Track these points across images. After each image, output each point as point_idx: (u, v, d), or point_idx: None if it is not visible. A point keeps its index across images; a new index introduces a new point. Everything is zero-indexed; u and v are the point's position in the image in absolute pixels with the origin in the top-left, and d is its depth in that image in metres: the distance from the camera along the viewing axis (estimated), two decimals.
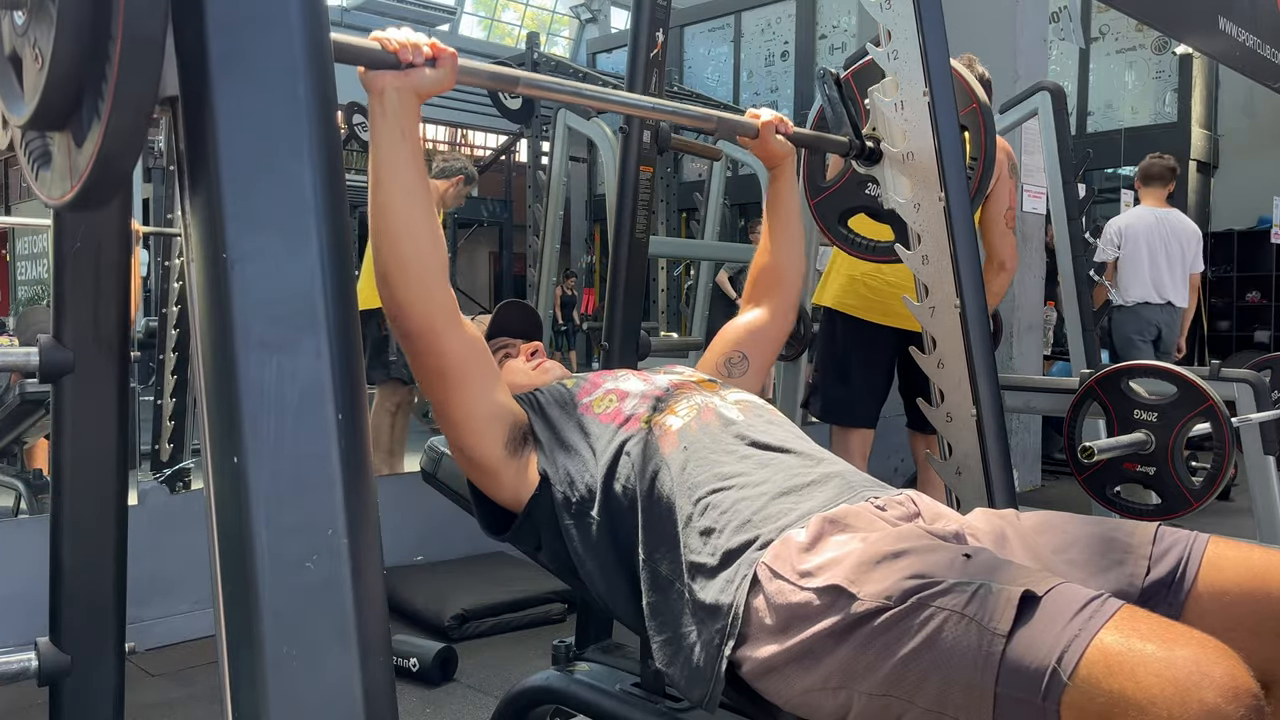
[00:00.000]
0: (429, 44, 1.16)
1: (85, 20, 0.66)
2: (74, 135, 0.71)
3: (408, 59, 1.13)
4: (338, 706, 0.66)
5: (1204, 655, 0.80)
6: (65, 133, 0.72)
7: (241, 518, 0.66)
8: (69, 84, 0.69)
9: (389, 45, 1.13)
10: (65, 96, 0.70)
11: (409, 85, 1.14)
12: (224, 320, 0.67)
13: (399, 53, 1.13)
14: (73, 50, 0.67)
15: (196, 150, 0.69)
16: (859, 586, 0.98)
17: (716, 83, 12.02)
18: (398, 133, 1.14)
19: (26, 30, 0.73)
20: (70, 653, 1.23)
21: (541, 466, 1.28)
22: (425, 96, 1.17)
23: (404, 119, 1.15)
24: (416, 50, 1.14)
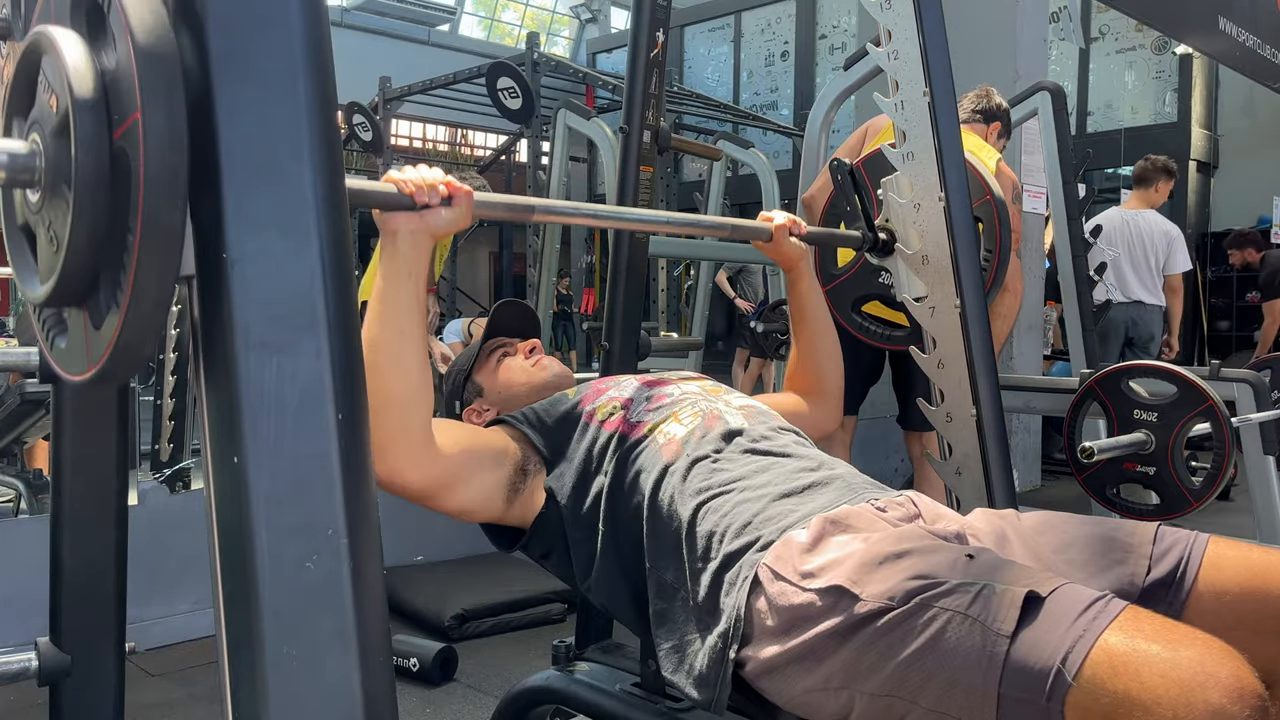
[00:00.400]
0: (444, 183, 1.14)
1: (102, 207, 0.67)
2: (91, 316, 0.71)
3: (423, 200, 1.11)
4: (338, 706, 0.66)
5: (1208, 655, 0.80)
6: (82, 310, 0.72)
7: (241, 518, 0.66)
8: (86, 268, 0.69)
9: (405, 188, 1.11)
10: (82, 280, 0.70)
11: (424, 227, 1.12)
12: (224, 320, 0.67)
13: (415, 195, 1.11)
14: (90, 237, 0.67)
15: (197, 150, 0.69)
16: (861, 587, 0.97)
17: (716, 83, 12.02)
18: (405, 273, 1.12)
19: (41, 209, 0.72)
20: (70, 653, 1.23)
21: (547, 484, 1.27)
22: (439, 237, 1.16)
23: (414, 260, 1.13)
24: (432, 191, 1.12)
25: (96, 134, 0.66)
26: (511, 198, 1.33)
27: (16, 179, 0.72)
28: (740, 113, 11.01)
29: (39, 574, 1.24)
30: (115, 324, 0.67)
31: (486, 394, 1.48)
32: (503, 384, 1.45)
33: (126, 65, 0.65)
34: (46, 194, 0.71)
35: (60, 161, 0.69)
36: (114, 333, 0.67)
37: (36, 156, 0.71)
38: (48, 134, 0.70)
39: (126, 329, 0.66)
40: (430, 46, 15.28)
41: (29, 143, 0.72)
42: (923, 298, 1.82)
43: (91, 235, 0.67)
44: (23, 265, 0.79)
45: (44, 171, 0.71)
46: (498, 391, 1.47)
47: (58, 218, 0.70)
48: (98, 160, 0.66)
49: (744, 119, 10.74)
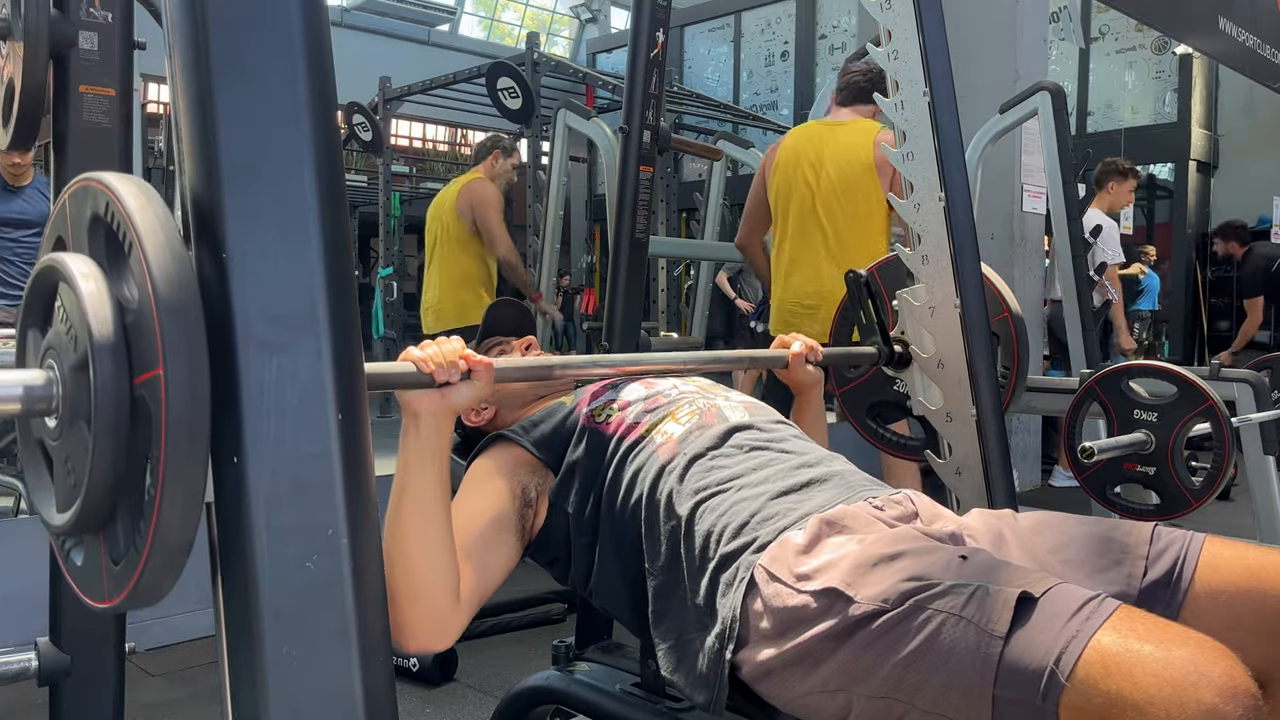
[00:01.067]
0: (463, 357, 1.12)
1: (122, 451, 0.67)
2: (109, 549, 0.71)
3: (443, 379, 1.09)
4: (338, 706, 0.67)
5: (1201, 655, 0.80)
6: (99, 538, 0.72)
7: (242, 518, 0.66)
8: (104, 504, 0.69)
9: (425, 367, 1.09)
10: (100, 514, 0.70)
11: (445, 407, 1.11)
12: (224, 320, 0.67)
13: (435, 375, 1.09)
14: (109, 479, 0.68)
15: (197, 150, 0.70)
16: (856, 589, 0.98)
17: (716, 83, 12.02)
18: (429, 456, 1.10)
19: (59, 438, 0.72)
20: (70, 653, 1.23)
21: (550, 495, 1.27)
22: (461, 411, 1.14)
23: (436, 442, 1.11)
24: (452, 369, 1.10)
25: (116, 379, 0.66)
26: (531, 360, 1.31)
27: (34, 409, 0.72)
28: (740, 113, 11.00)
29: (39, 574, 1.24)
30: (135, 567, 0.67)
31: None
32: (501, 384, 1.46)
33: (148, 313, 0.65)
34: (65, 424, 0.71)
35: (79, 399, 0.69)
36: (133, 577, 0.67)
37: (54, 385, 0.71)
38: (66, 368, 0.70)
39: (146, 574, 0.66)
40: (430, 46, 15.27)
41: (46, 372, 0.72)
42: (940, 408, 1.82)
43: (111, 477, 0.67)
44: (39, 487, 0.78)
45: (62, 402, 0.70)
46: (497, 390, 1.47)
47: (76, 453, 0.70)
48: (117, 406, 0.66)
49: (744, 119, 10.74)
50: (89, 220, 0.71)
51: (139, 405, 0.66)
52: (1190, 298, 9.17)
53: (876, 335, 1.83)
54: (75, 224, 0.73)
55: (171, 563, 0.66)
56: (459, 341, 1.14)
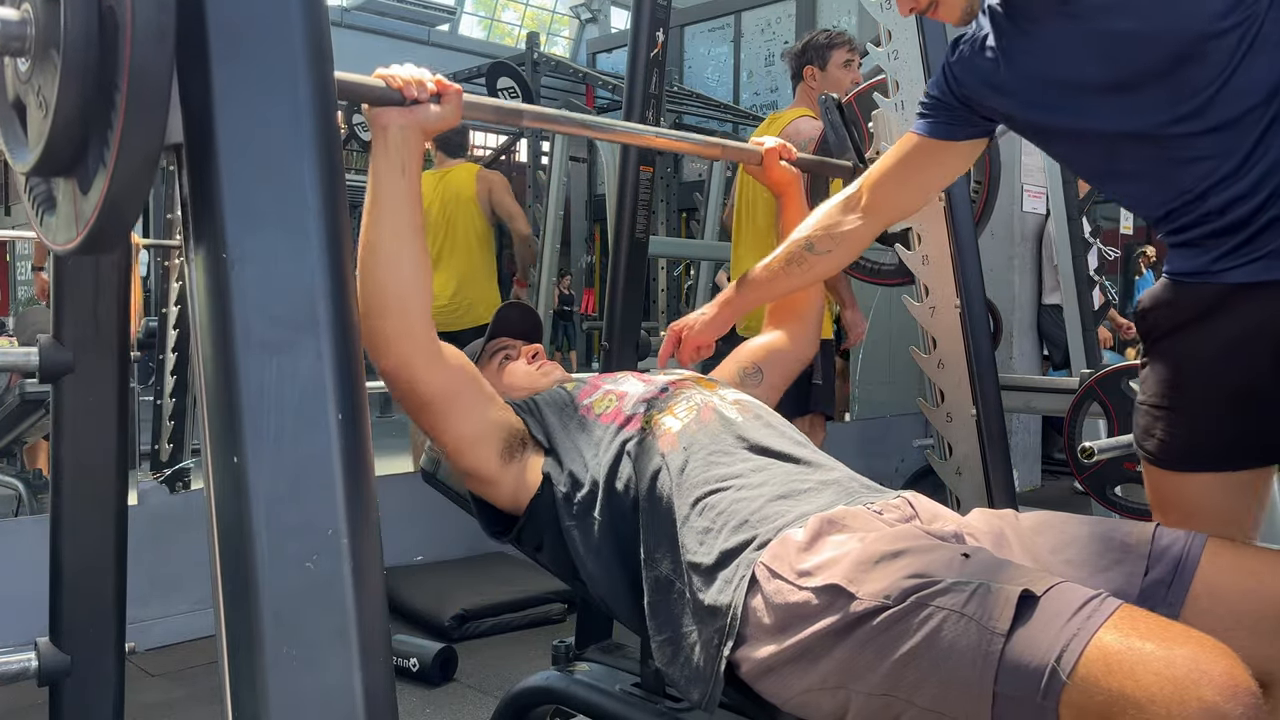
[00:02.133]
0: (434, 80, 1.16)
1: (90, 68, 0.67)
2: (79, 182, 0.71)
3: (413, 95, 1.13)
4: (338, 706, 0.67)
5: (1202, 654, 0.80)
6: (70, 179, 0.72)
7: (241, 518, 0.66)
8: (74, 131, 0.69)
9: (394, 82, 1.13)
10: (70, 144, 0.70)
11: (414, 122, 1.14)
12: (224, 320, 0.67)
13: (404, 89, 1.13)
14: (77, 98, 0.67)
15: (196, 150, 0.70)
16: (858, 586, 0.98)
17: (716, 83, 12.02)
18: (398, 169, 1.14)
19: (30, 78, 0.73)
20: (70, 653, 1.23)
21: (545, 469, 1.28)
22: (431, 133, 1.17)
23: (406, 156, 1.15)
24: (421, 86, 1.14)
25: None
26: (501, 101, 1.36)
27: (8, 46, 0.72)
28: (740, 113, 11.01)
29: (39, 574, 1.24)
30: (103, 184, 0.67)
31: None
32: (505, 387, 1.46)
33: None
34: (36, 61, 0.71)
35: (50, 26, 0.69)
36: (101, 192, 0.67)
37: (28, 25, 0.71)
38: (38, 1, 0.70)
39: (113, 187, 0.66)
40: (430, 46, 15.28)
41: (20, 11, 0.72)
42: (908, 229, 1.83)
43: (79, 95, 0.67)
44: (12, 138, 0.78)
45: (34, 39, 0.71)
46: (499, 393, 1.47)
47: (47, 82, 0.70)
48: (86, 21, 0.66)
49: (744, 119, 10.74)
50: None
51: (106, 19, 0.66)
52: None
53: (851, 153, 1.83)
54: None
55: (139, 174, 0.66)
56: (427, 70, 1.18)
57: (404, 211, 1.15)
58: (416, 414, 1.22)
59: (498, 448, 1.26)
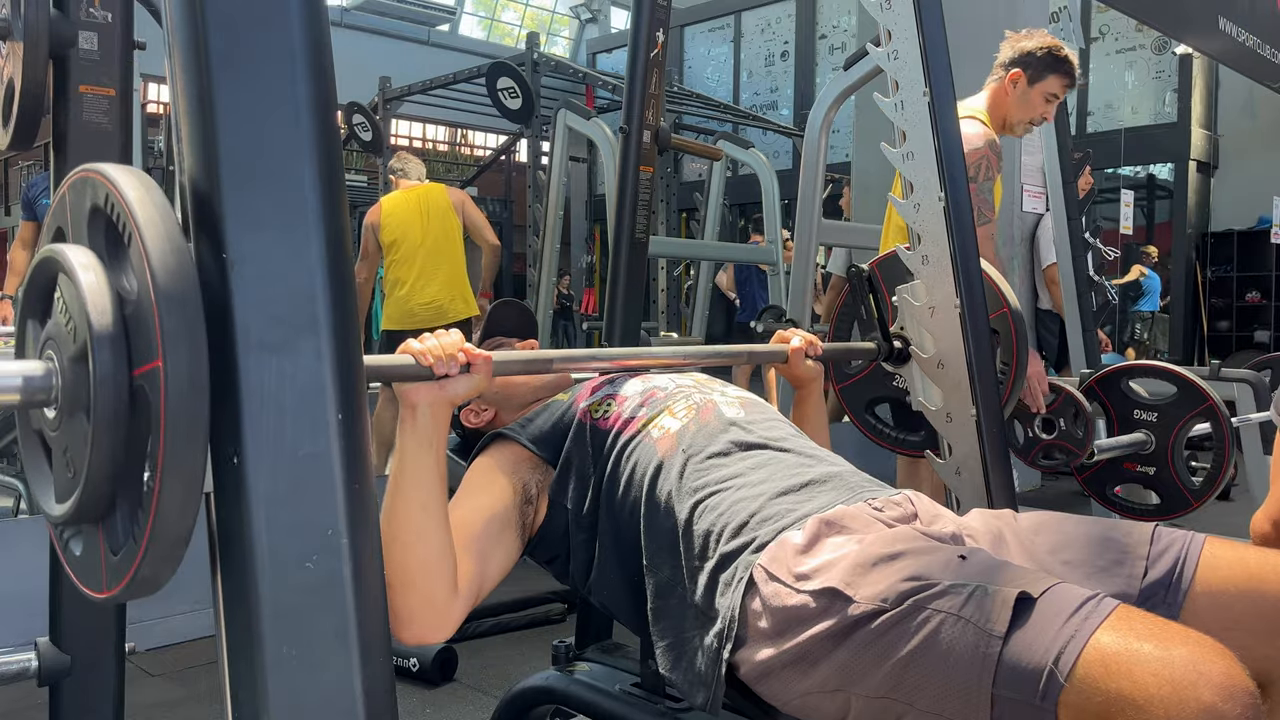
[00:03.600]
0: (462, 349, 1.13)
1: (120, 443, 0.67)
2: (108, 540, 0.71)
3: (442, 372, 1.11)
4: (338, 706, 0.67)
5: (1200, 654, 0.80)
6: (98, 529, 0.72)
7: (241, 518, 0.66)
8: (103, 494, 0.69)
9: (424, 360, 1.10)
10: (99, 505, 0.70)
11: (444, 398, 1.12)
12: (224, 320, 0.67)
13: (434, 367, 1.10)
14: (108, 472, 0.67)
15: (197, 150, 0.70)
16: (855, 589, 0.97)
17: (716, 83, 12.02)
18: (427, 445, 1.11)
19: (58, 429, 0.72)
20: (70, 653, 1.23)
21: (550, 492, 1.27)
22: (458, 403, 1.15)
23: (433, 432, 1.12)
24: (451, 361, 1.11)
25: (115, 371, 0.66)
26: (529, 354, 1.32)
27: (33, 399, 0.72)
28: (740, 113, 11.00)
29: (39, 574, 1.24)
30: (134, 557, 0.67)
31: (484, 394, 1.48)
32: (500, 384, 1.45)
33: (147, 304, 0.64)
34: (64, 415, 0.71)
35: (78, 390, 0.69)
36: (132, 567, 0.67)
37: (53, 376, 0.71)
38: (65, 359, 0.70)
39: (145, 565, 0.66)
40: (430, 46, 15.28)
41: (45, 363, 0.72)
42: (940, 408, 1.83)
43: (110, 468, 0.67)
44: (39, 477, 0.78)
45: (61, 392, 0.70)
46: (496, 391, 1.46)
47: (75, 444, 0.70)
48: (116, 397, 0.66)
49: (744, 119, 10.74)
50: (88, 211, 0.71)
51: (138, 396, 0.66)
52: (1190, 298, 9.17)
53: (876, 331, 1.83)
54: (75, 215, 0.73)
55: (170, 553, 0.66)
56: (458, 334, 1.15)
57: (431, 487, 1.11)
58: None
59: (520, 545, 1.25)
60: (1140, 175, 10.15)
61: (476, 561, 1.18)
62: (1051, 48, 2.70)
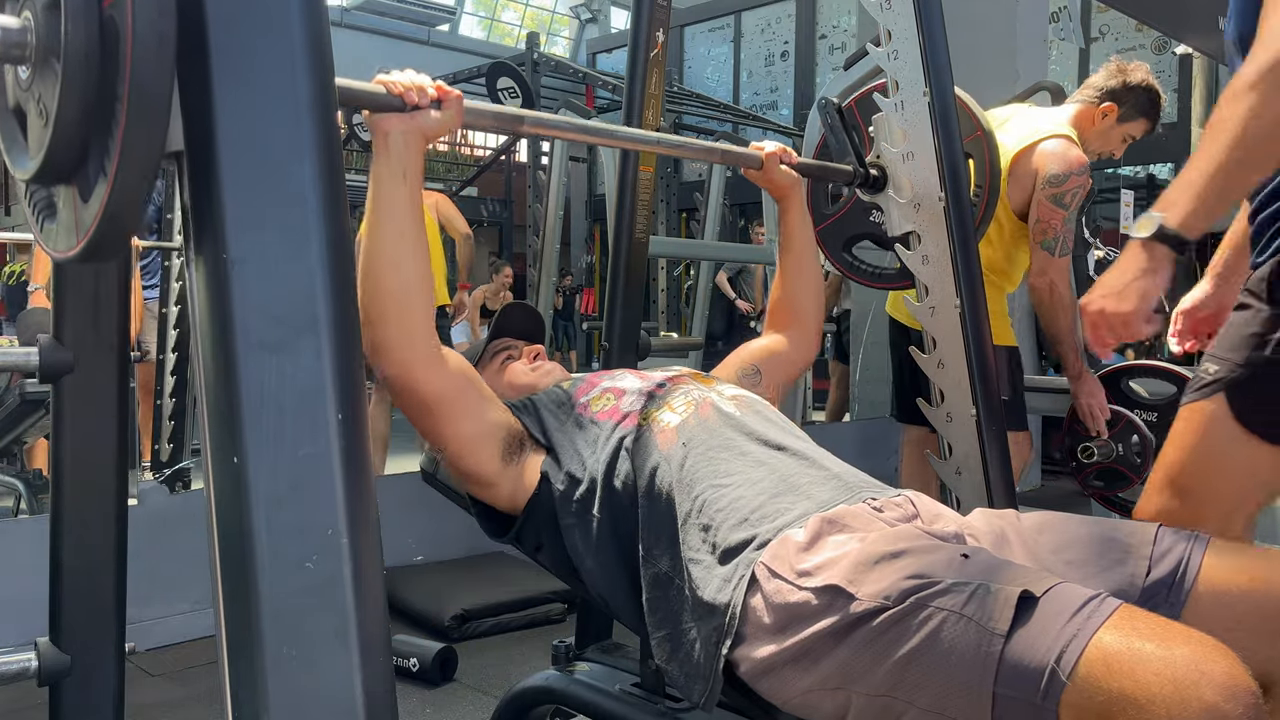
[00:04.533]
0: (434, 86, 1.16)
1: (91, 78, 0.67)
2: (80, 190, 0.71)
3: (413, 101, 1.14)
4: (338, 706, 0.67)
5: (1202, 654, 0.80)
6: (71, 187, 0.72)
7: (241, 518, 0.66)
8: (74, 140, 0.69)
9: (394, 88, 1.14)
10: (71, 152, 0.69)
11: (414, 127, 1.15)
12: (224, 320, 0.67)
13: (404, 95, 1.13)
14: (78, 108, 0.67)
15: (196, 150, 0.69)
16: (857, 586, 0.98)
17: (716, 83, 12.03)
18: (399, 174, 1.14)
19: (30, 85, 0.73)
20: (70, 653, 1.23)
21: (543, 468, 1.28)
22: (431, 138, 1.18)
23: (407, 161, 1.15)
24: (422, 92, 1.15)
25: (86, 4, 0.66)
26: (500, 107, 1.36)
27: (9, 54, 0.72)
28: (740, 113, 11.01)
29: (39, 574, 1.24)
30: (103, 193, 0.67)
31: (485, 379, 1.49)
32: (505, 386, 1.46)
33: None
34: (37, 69, 0.71)
35: (51, 34, 0.69)
36: (102, 201, 0.67)
37: (28, 32, 0.71)
38: (39, 9, 0.70)
39: (114, 197, 0.66)
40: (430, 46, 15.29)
41: (21, 19, 0.72)
42: (910, 232, 1.83)
43: (80, 104, 0.67)
44: (13, 145, 0.78)
45: (35, 47, 0.71)
46: (499, 393, 1.47)
47: (47, 91, 0.70)
48: (87, 29, 0.66)
49: (744, 119, 10.74)
50: None
51: (108, 29, 0.66)
52: None
53: (852, 157, 1.83)
54: None
55: (140, 184, 0.66)
56: (427, 77, 1.19)
57: (406, 216, 1.15)
58: (417, 418, 1.22)
59: (498, 449, 1.26)
60: (1140, 175, 10.15)
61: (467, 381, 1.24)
62: (1153, 90, 2.61)
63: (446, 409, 1.22)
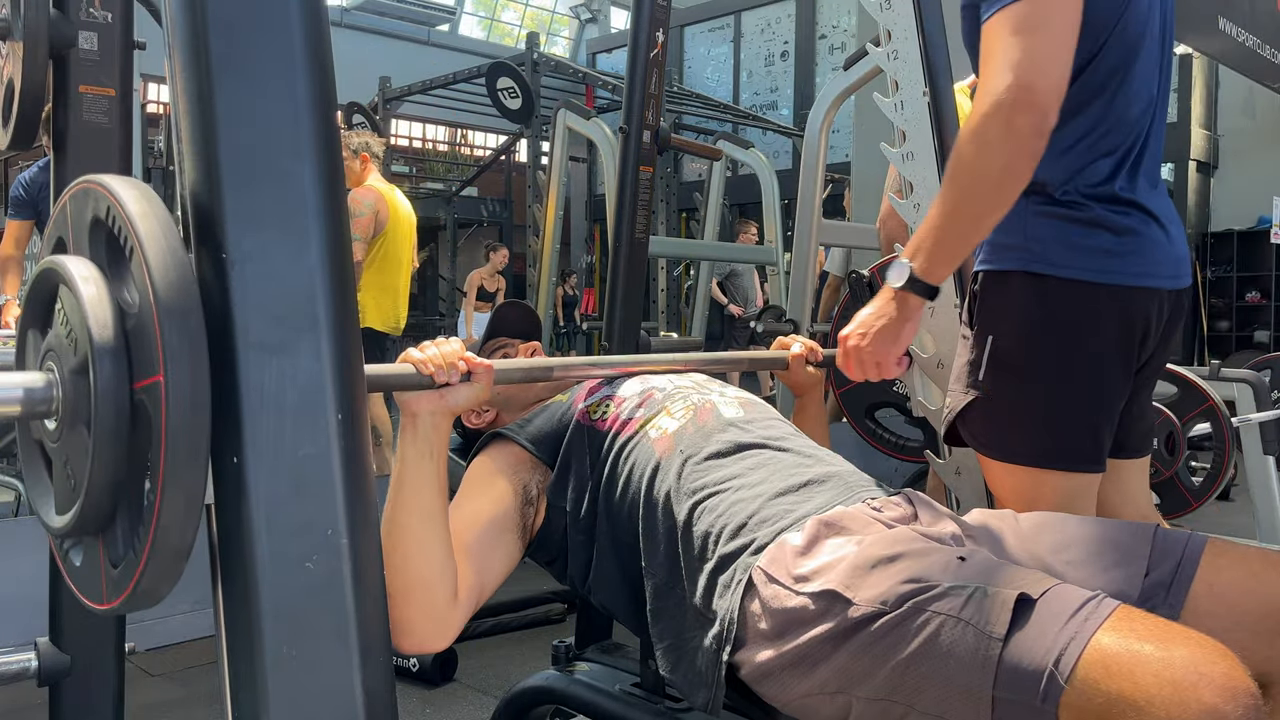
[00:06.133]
0: (463, 358, 1.13)
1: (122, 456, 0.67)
2: (108, 552, 0.71)
3: (443, 380, 1.10)
4: (338, 706, 0.67)
5: (1201, 655, 0.80)
6: (99, 540, 0.72)
7: (241, 518, 0.66)
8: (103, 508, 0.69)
9: (425, 369, 1.10)
10: (99, 517, 0.70)
11: (444, 407, 1.12)
12: (224, 320, 0.67)
13: (435, 376, 1.10)
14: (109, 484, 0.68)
15: (197, 150, 0.69)
16: (854, 591, 0.97)
17: (716, 83, 12.03)
18: (427, 454, 1.11)
19: (59, 440, 0.72)
20: (70, 653, 1.23)
21: (548, 493, 1.27)
22: (459, 413, 1.15)
23: (435, 441, 1.12)
24: (452, 370, 1.11)
25: (117, 384, 0.66)
26: (530, 362, 1.32)
27: (34, 411, 0.72)
28: (740, 113, 11.01)
29: (39, 574, 1.24)
30: (134, 570, 0.67)
31: None
32: (501, 388, 1.45)
33: (148, 318, 0.64)
34: (64, 428, 0.71)
35: (79, 402, 0.69)
36: (132, 580, 0.67)
37: (54, 388, 0.71)
38: (66, 370, 0.70)
39: (145, 578, 0.66)
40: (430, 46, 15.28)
41: (46, 374, 0.72)
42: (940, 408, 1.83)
43: (111, 480, 0.67)
44: (39, 488, 0.78)
45: (61, 404, 0.70)
46: (497, 393, 1.47)
47: (76, 456, 0.70)
48: (117, 410, 0.66)
49: (744, 119, 10.74)
50: (90, 223, 0.71)
51: (139, 410, 0.66)
52: (1190, 298, 9.16)
53: None
54: (76, 226, 0.73)
55: (170, 567, 0.66)
56: (458, 343, 1.15)
57: (432, 496, 1.11)
58: None
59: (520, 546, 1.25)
60: None
61: (476, 567, 1.18)
62: None
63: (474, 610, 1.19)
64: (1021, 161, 1.16)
